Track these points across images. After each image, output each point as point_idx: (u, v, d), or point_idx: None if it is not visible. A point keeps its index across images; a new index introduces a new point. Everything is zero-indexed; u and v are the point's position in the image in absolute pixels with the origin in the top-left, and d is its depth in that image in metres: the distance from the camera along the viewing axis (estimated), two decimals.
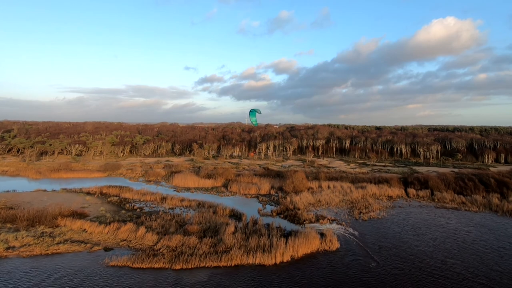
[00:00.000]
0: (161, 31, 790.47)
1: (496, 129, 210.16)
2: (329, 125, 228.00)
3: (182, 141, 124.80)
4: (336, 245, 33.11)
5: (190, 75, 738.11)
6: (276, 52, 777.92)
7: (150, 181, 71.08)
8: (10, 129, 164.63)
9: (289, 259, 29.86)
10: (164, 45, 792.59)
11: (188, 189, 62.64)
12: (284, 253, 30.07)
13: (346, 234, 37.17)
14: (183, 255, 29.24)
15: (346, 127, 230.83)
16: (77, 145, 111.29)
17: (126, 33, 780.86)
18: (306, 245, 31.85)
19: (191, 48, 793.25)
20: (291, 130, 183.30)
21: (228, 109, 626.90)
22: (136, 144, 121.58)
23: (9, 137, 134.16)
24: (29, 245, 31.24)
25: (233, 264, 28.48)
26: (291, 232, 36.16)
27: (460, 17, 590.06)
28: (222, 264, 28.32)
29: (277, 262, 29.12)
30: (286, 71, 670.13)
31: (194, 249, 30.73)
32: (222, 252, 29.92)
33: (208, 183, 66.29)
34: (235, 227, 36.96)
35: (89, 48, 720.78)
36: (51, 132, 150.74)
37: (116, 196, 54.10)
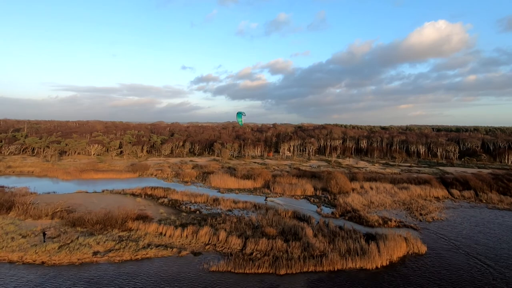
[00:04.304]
0: (161, 31, 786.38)
1: (501, 129, 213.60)
2: (335, 125, 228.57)
3: (200, 140, 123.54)
4: (423, 247, 32.70)
5: (186, 74, 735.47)
6: (272, 53, 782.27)
7: (187, 181, 69.93)
8: (18, 128, 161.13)
9: (387, 263, 29.39)
10: (163, 45, 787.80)
11: (230, 190, 61.78)
12: (380, 256, 29.59)
13: (423, 237, 36.80)
14: (280, 260, 28.54)
15: (353, 127, 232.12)
16: (96, 145, 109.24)
17: (125, 34, 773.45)
18: (397, 248, 31.40)
19: (190, 48, 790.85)
20: (301, 130, 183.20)
21: (222, 108, 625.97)
22: (154, 144, 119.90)
23: (21, 136, 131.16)
24: (116, 250, 30.18)
25: (335, 269, 27.91)
26: (372, 234, 35.69)
27: (451, 20, 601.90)
28: (325, 268, 27.72)
29: (378, 266, 28.63)
30: (281, 71, 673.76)
31: (287, 253, 30.05)
32: (318, 256, 29.29)
33: (248, 184, 65.52)
34: (312, 230, 36.40)
35: (87, 47, 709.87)
36: (62, 131, 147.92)
37: (164, 197, 52.99)
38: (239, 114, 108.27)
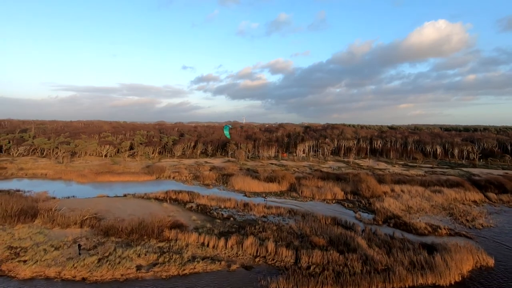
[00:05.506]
0: (161, 31, 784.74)
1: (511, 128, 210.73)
2: (343, 124, 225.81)
3: (212, 141, 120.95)
4: (490, 260, 30.09)
5: (187, 74, 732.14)
6: (273, 53, 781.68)
7: (208, 184, 67.33)
8: (25, 128, 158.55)
9: (460, 279, 26.80)
10: (163, 45, 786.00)
11: (256, 194, 59.21)
12: (450, 271, 26.99)
13: (483, 247, 34.13)
14: (343, 275, 25.98)
15: (361, 127, 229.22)
16: (107, 146, 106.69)
17: (125, 34, 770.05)
18: (465, 261, 28.81)
19: (190, 48, 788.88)
20: (311, 130, 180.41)
21: (222, 108, 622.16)
22: (165, 144, 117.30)
23: (29, 137, 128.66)
24: (160, 264, 27.60)
25: (406, 285, 25.33)
26: (428, 244, 33.07)
27: (451, 20, 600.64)
28: (395, 285, 25.12)
29: (452, 283, 26.05)
30: (282, 71, 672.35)
31: (347, 267, 27.46)
32: (384, 271, 26.72)
33: (273, 187, 62.88)
34: (363, 239, 33.84)
35: (87, 47, 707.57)
36: (70, 132, 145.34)
37: (191, 202, 50.39)
38: (226, 127, 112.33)
